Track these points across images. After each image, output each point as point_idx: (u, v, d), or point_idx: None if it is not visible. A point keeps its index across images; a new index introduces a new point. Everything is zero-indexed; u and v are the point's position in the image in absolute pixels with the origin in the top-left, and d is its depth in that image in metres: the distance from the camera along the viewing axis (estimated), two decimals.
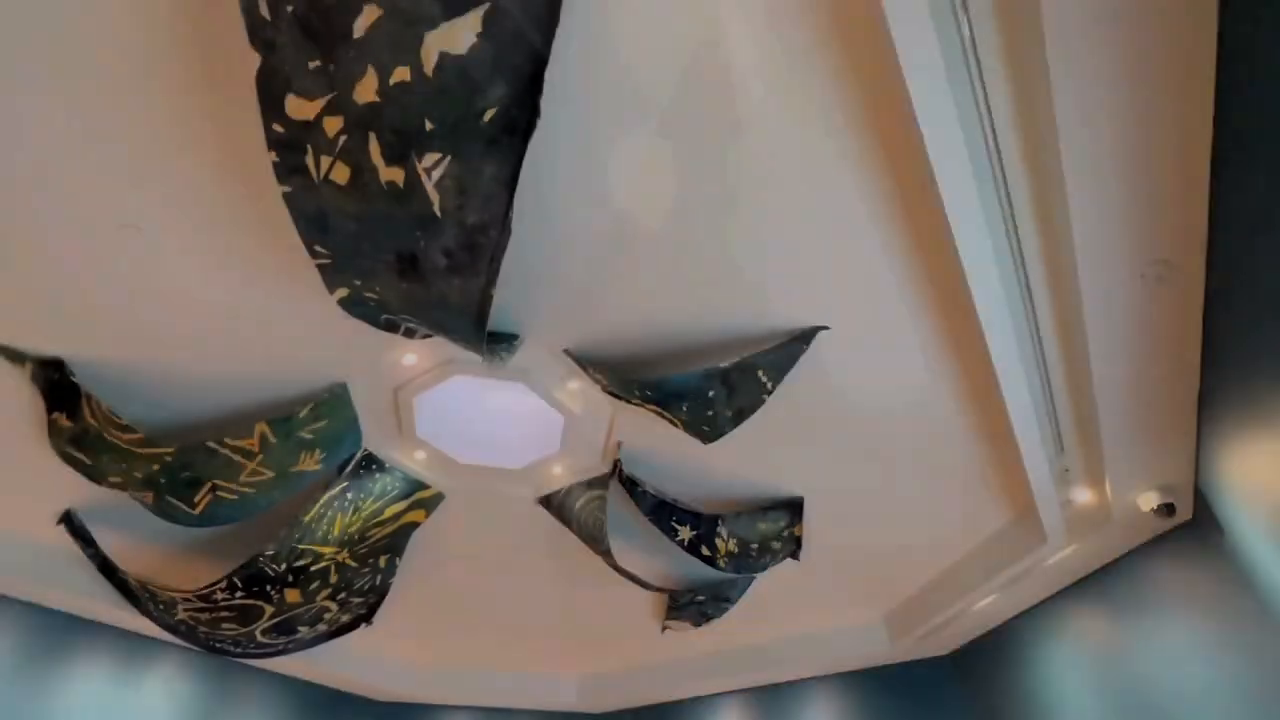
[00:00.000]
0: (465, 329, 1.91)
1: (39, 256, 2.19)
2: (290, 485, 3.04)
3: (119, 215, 2.05)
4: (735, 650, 4.42)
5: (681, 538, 3.39)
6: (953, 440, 2.78)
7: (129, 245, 2.16)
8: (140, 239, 2.13)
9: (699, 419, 2.60)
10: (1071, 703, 3.15)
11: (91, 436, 2.71)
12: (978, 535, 3.22)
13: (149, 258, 2.21)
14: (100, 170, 1.92)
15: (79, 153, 1.87)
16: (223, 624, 3.38)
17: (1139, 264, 1.79)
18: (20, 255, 2.18)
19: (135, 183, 1.95)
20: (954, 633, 3.82)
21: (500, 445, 3.63)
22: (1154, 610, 2.84)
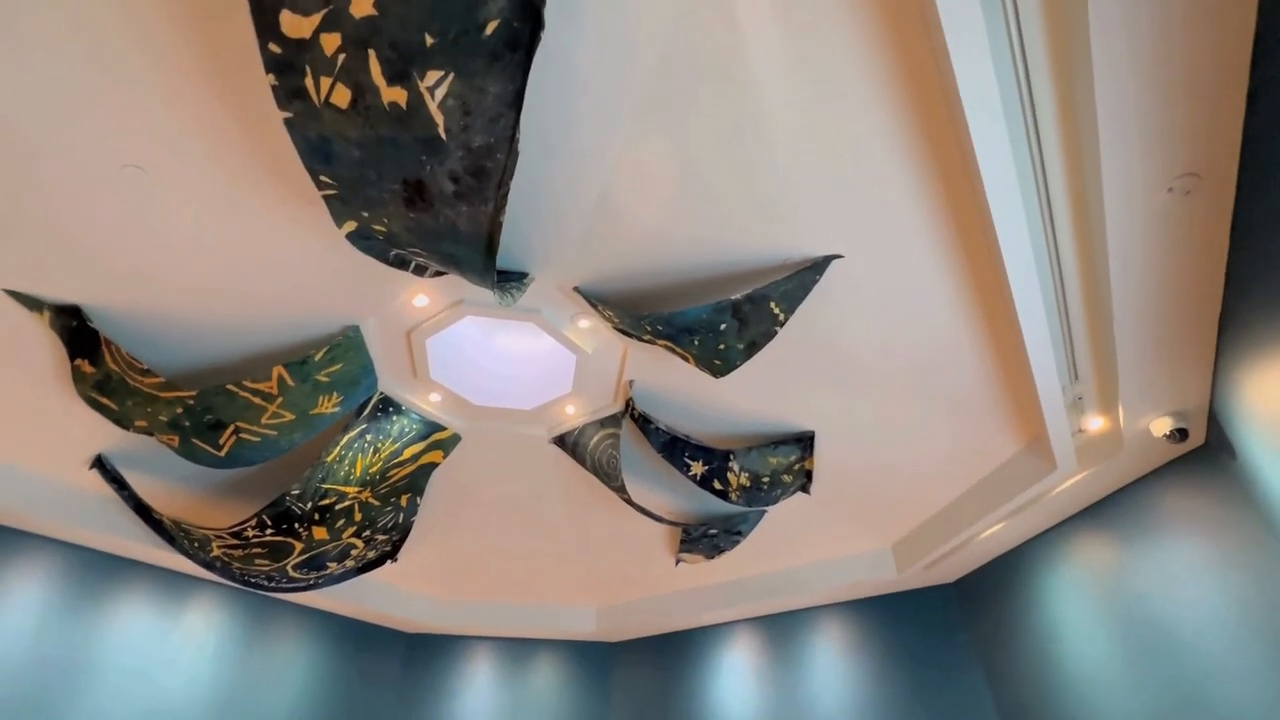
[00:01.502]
0: (475, 261, 1.90)
1: (47, 203, 2.18)
2: (310, 427, 3.11)
3: (123, 157, 2.02)
4: (747, 580, 4.57)
5: (694, 473, 3.45)
6: (965, 370, 2.77)
7: (135, 189, 2.14)
8: (146, 182, 2.11)
9: (710, 353, 2.60)
10: (1075, 627, 3.24)
11: (115, 382, 2.76)
12: (987, 465, 3.26)
13: (156, 202, 2.20)
14: (105, 112, 1.88)
15: (82, 95, 1.83)
16: (256, 560, 3.53)
17: (1167, 177, 1.73)
18: (29, 203, 2.17)
19: (140, 124, 1.92)
20: (960, 561, 3.92)
21: (513, 387, 3.68)
22: (1161, 535, 2.89)
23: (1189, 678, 2.64)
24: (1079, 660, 3.18)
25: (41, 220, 2.24)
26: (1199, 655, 2.63)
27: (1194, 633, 2.66)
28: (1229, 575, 2.58)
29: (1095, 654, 3.09)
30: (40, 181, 2.10)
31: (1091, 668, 3.10)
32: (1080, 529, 3.31)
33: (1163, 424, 2.65)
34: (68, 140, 1.96)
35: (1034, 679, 3.43)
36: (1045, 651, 3.39)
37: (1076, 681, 3.18)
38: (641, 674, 5.10)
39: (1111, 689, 2.98)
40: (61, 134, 1.94)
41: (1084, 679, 3.14)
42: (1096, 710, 3.04)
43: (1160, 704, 2.74)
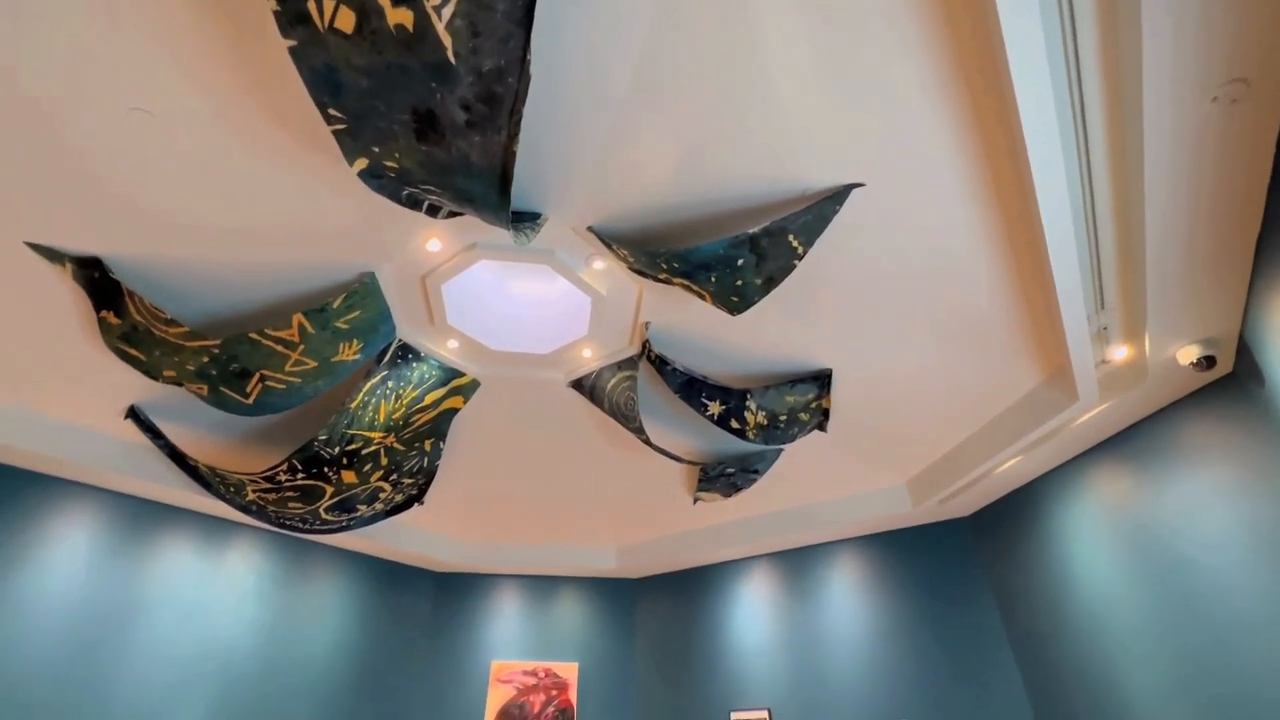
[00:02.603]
0: (489, 197, 1.87)
1: (59, 154, 2.16)
2: (333, 374, 3.16)
3: (129, 101, 1.99)
4: (763, 517, 4.67)
5: (711, 412, 3.48)
6: (988, 303, 2.73)
7: (143, 136, 2.12)
8: (154, 128, 2.08)
9: (727, 289, 2.58)
10: (1089, 557, 3.29)
11: (140, 333, 2.81)
12: (1007, 399, 3.24)
13: (165, 148, 2.17)
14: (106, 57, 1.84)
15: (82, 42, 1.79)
16: (289, 503, 3.66)
17: (1212, 83, 1.63)
18: (42, 155, 2.16)
19: (142, 67, 1.88)
20: (975, 495, 3.96)
21: (530, 331, 3.69)
22: (1181, 465, 2.88)
23: (1203, 602, 2.69)
24: (1091, 588, 3.24)
25: (55, 172, 2.23)
26: (1214, 580, 2.66)
27: (1210, 558, 2.69)
28: (1249, 502, 2.58)
29: (1108, 582, 3.15)
30: (50, 133, 2.08)
31: (1104, 595, 3.16)
32: (1098, 461, 3.32)
33: (1190, 352, 2.61)
34: (73, 88, 1.93)
35: (1046, 606, 3.52)
36: (1058, 580, 3.45)
37: (1088, 608, 3.25)
38: (662, 608, 5.31)
39: (1124, 614, 3.04)
40: (65, 82, 1.91)
41: (1096, 606, 3.20)
42: (1108, 635, 3.12)
43: (1173, 628, 2.80)
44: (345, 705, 4.39)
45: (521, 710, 4.83)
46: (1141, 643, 2.94)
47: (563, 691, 4.94)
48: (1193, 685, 2.68)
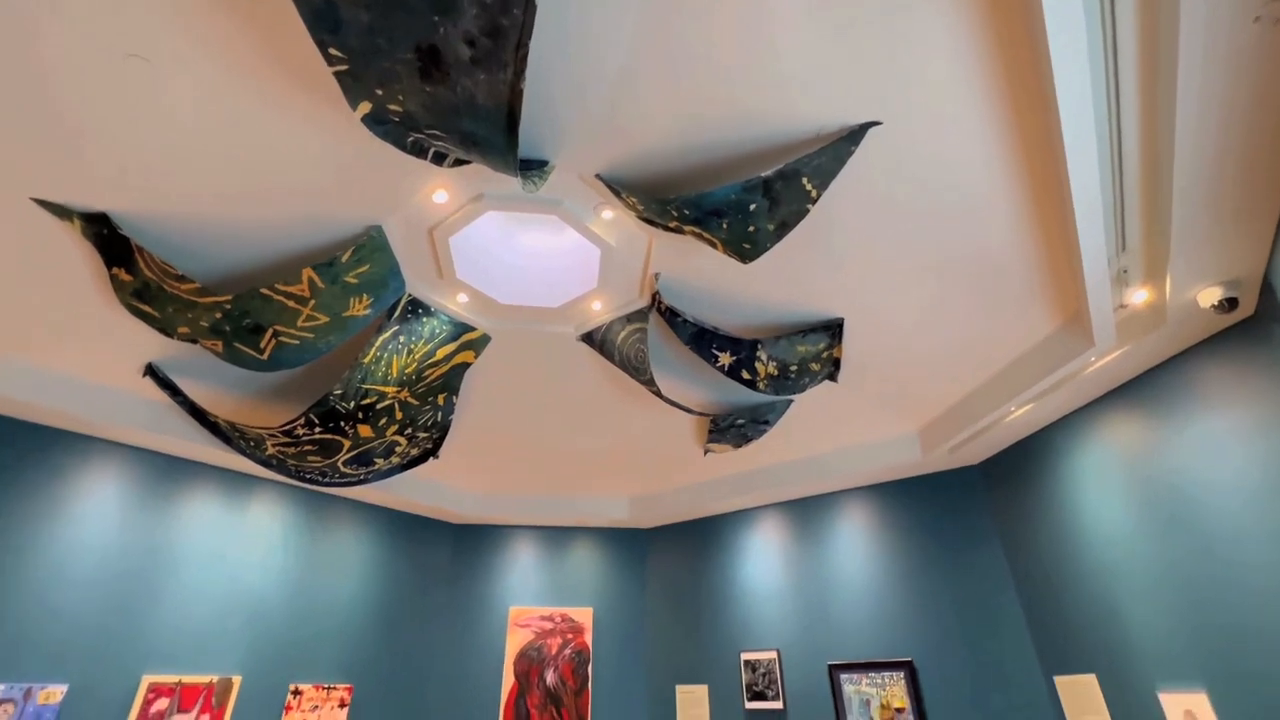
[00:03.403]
0: (496, 140, 1.83)
1: (59, 107, 2.13)
2: (345, 329, 3.18)
3: (125, 46, 1.94)
4: (773, 468, 4.73)
5: (722, 363, 3.48)
6: (1006, 245, 2.67)
7: (141, 86, 2.07)
8: (152, 78, 2.04)
9: (739, 236, 2.54)
10: (1098, 502, 3.31)
11: (153, 289, 2.83)
12: (1022, 345, 3.21)
13: (165, 99, 2.13)
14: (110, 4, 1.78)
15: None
16: (308, 457, 3.74)
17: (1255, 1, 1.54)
18: (43, 109, 2.12)
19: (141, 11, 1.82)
20: (986, 443, 3.97)
21: (539, 285, 3.67)
22: (1197, 410, 2.86)
23: (1209, 542, 2.72)
24: (1098, 531, 3.28)
25: (57, 126, 2.20)
26: (1223, 521, 2.68)
27: (1220, 500, 2.70)
28: (1267, 443, 2.55)
29: (1115, 525, 3.18)
30: (48, 86, 2.04)
31: (1110, 536, 3.20)
32: (1111, 408, 3.30)
33: (1211, 294, 2.55)
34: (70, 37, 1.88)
35: (1052, 550, 3.57)
36: (1065, 524, 3.50)
37: (1094, 550, 3.29)
38: (673, 556, 5.45)
39: (1129, 555, 3.08)
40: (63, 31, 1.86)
41: (1102, 547, 3.25)
42: (1112, 574, 3.17)
43: (1177, 567, 2.84)
44: (371, 648, 4.60)
45: (539, 652, 5.04)
46: (1145, 581, 2.99)
47: (578, 635, 5.14)
48: (1193, 622, 2.74)
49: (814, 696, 4.25)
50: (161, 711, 3.48)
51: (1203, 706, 2.64)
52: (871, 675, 4.07)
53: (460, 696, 4.85)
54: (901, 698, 3.91)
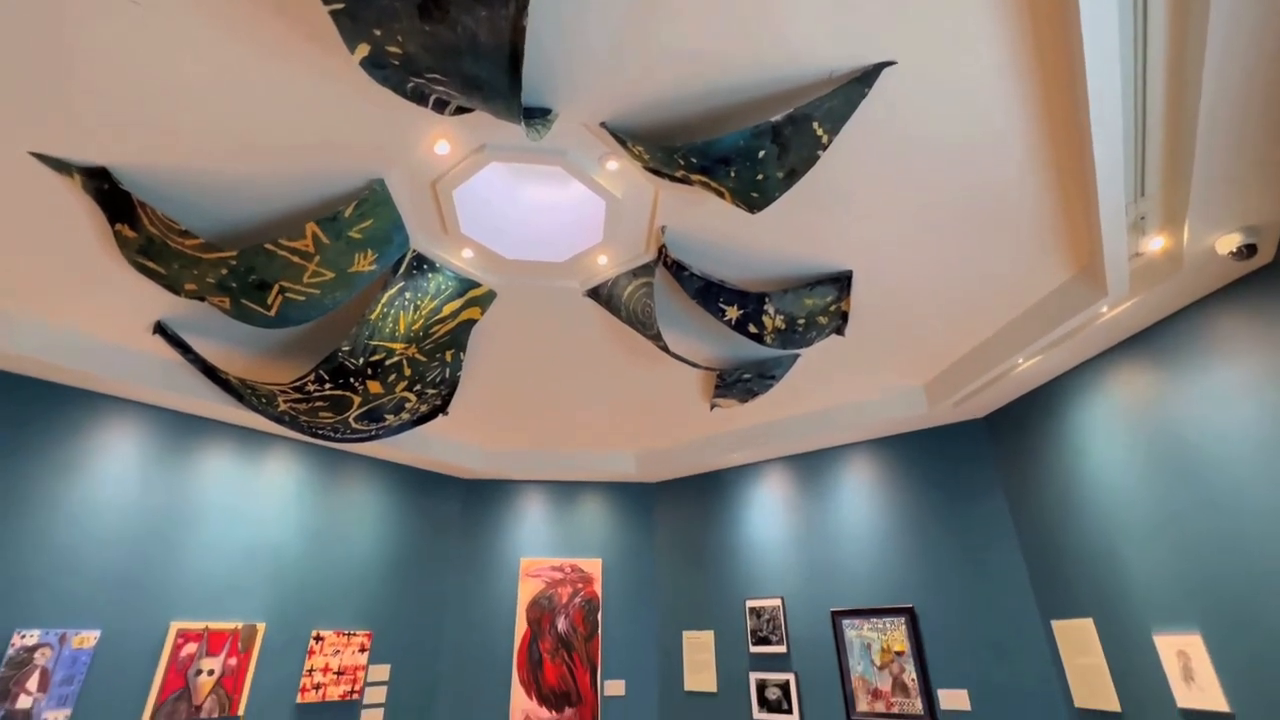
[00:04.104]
0: (498, 82, 1.77)
1: (54, 58, 2.08)
2: (351, 285, 3.17)
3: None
4: (779, 422, 4.77)
5: (729, 317, 3.47)
6: (1021, 191, 2.61)
7: (137, 38, 2.01)
8: (147, 29, 1.98)
9: (747, 185, 2.49)
10: (1104, 454, 3.32)
11: (157, 246, 2.82)
12: (1033, 295, 3.18)
13: (159, 51, 2.07)
14: None
15: None
16: (320, 413, 3.80)
17: None
18: (38, 61, 2.07)
19: None
20: (991, 396, 3.97)
21: (544, 240, 3.64)
22: (1209, 359, 2.84)
23: (1213, 491, 2.74)
24: (1102, 481, 3.31)
25: (54, 78, 2.15)
26: (1228, 470, 2.69)
27: (1227, 449, 2.70)
28: (1276, 393, 2.55)
29: (1119, 475, 3.21)
30: (46, 37, 1.99)
31: (1113, 486, 3.23)
32: (1120, 359, 3.28)
33: (1230, 240, 2.50)
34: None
35: (1055, 500, 3.62)
36: (1069, 475, 3.53)
37: (1096, 500, 3.33)
38: (680, 509, 5.56)
39: (1131, 504, 3.12)
40: None
41: (1104, 497, 3.28)
42: (1113, 523, 3.21)
43: (1179, 515, 2.87)
44: (388, 596, 4.76)
45: (550, 601, 5.21)
46: (1145, 529, 3.03)
47: (588, 584, 5.29)
48: (1191, 568, 2.79)
49: (816, 641, 4.39)
50: (191, 655, 3.64)
51: (1196, 647, 2.72)
52: (873, 621, 4.19)
53: (476, 642, 5.04)
54: (901, 642, 4.04)
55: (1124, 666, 3.11)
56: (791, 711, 4.31)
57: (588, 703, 4.88)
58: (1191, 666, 2.73)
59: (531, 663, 4.97)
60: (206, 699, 3.63)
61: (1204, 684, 2.67)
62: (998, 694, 3.67)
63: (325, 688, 4.16)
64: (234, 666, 3.78)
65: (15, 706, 3.02)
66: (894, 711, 3.93)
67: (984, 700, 3.69)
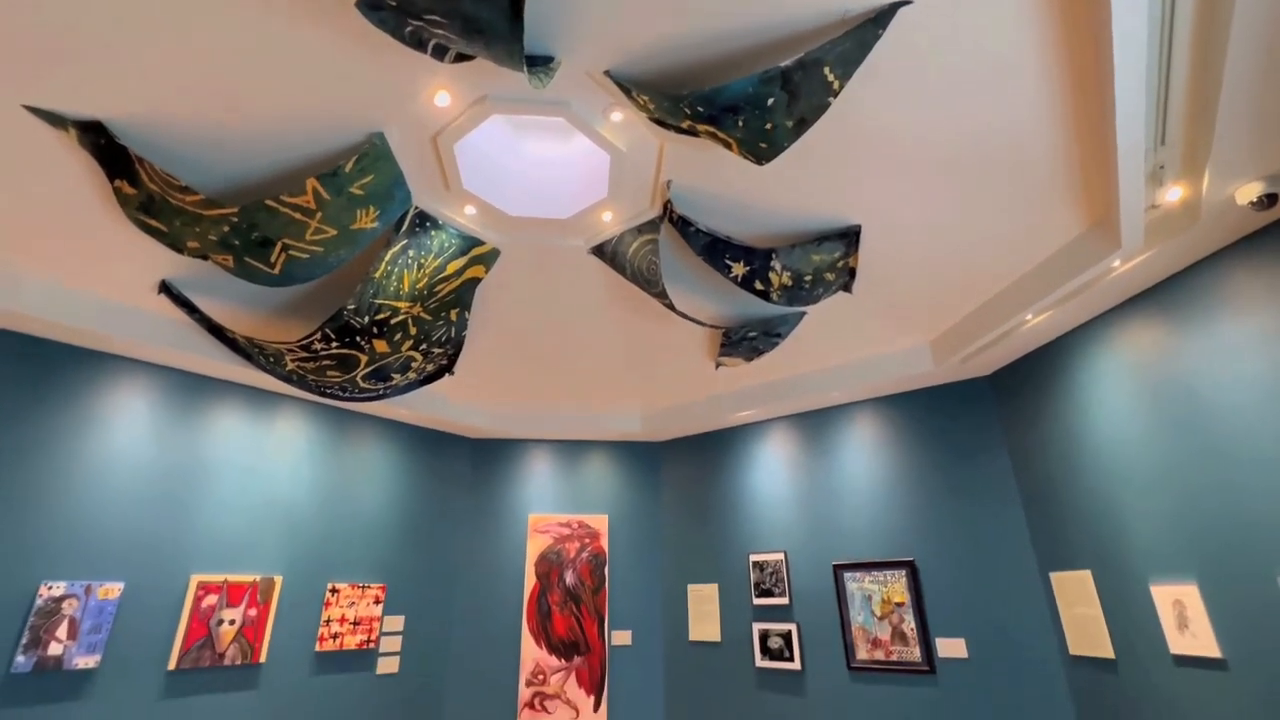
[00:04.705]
0: (499, 25, 1.71)
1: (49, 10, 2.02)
2: (354, 243, 3.15)
3: None
4: (784, 381, 4.78)
5: (735, 274, 3.44)
6: (1037, 142, 2.54)
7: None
8: None
9: (755, 135, 2.43)
10: (1110, 410, 3.31)
11: (158, 202, 2.79)
12: (1044, 250, 3.12)
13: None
14: None
15: None
16: (328, 372, 3.82)
17: None
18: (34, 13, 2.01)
19: None
20: (997, 353, 3.95)
21: (548, 196, 3.58)
22: (1223, 313, 2.80)
23: (1218, 441, 2.74)
24: (1106, 436, 3.32)
25: (47, 30, 2.09)
26: (1234, 421, 2.69)
27: (1234, 400, 2.68)
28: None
29: (1124, 430, 3.21)
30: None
31: (1118, 441, 3.25)
32: (1130, 315, 3.25)
33: (1250, 190, 2.44)
34: None
35: (1058, 457, 3.64)
36: (1073, 432, 3.54)
37: (1100, 455, 3.35)
38: (685, 467, 5.63)
39: (1134, 458, 3.13)
40: None
41: (1108, 452, 3.30)
42: (1116, 477, 3.24)
43: (1182, 467, 2.88)
44: (401, 551, 4.88)
45: (558, 556, 5.33)
46: (1147, 482, 3.05)
47: (595, 540, 5.41)
48: (1190, 519, 2.82)
49: (818, 593, 4.50)
50: (212, 606, 3.77)
51: (1192, 597, 2.77)
52: (874, 574, 4.29)
53: (487, 595, 5.19)
54: (902, 593, 4.14)
55: (1119, 616, 3.18)
56: (793, 660, 4.45)
57: (595, 651, 5.05)
58: (1187, 615, 2.79)
59: (541, 614, 5.12)
60: (229, 647, 3.77)
61: (1198, 631, 2.73)
62: (994, 643, 3.77)
63: (342, 637, 4.32)
64: (254, 617, 3.91)
65: (47, 653, 3.14)
66: (893, 659, 4.06)
67: (981, 648, 3.80)
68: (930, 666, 3.90)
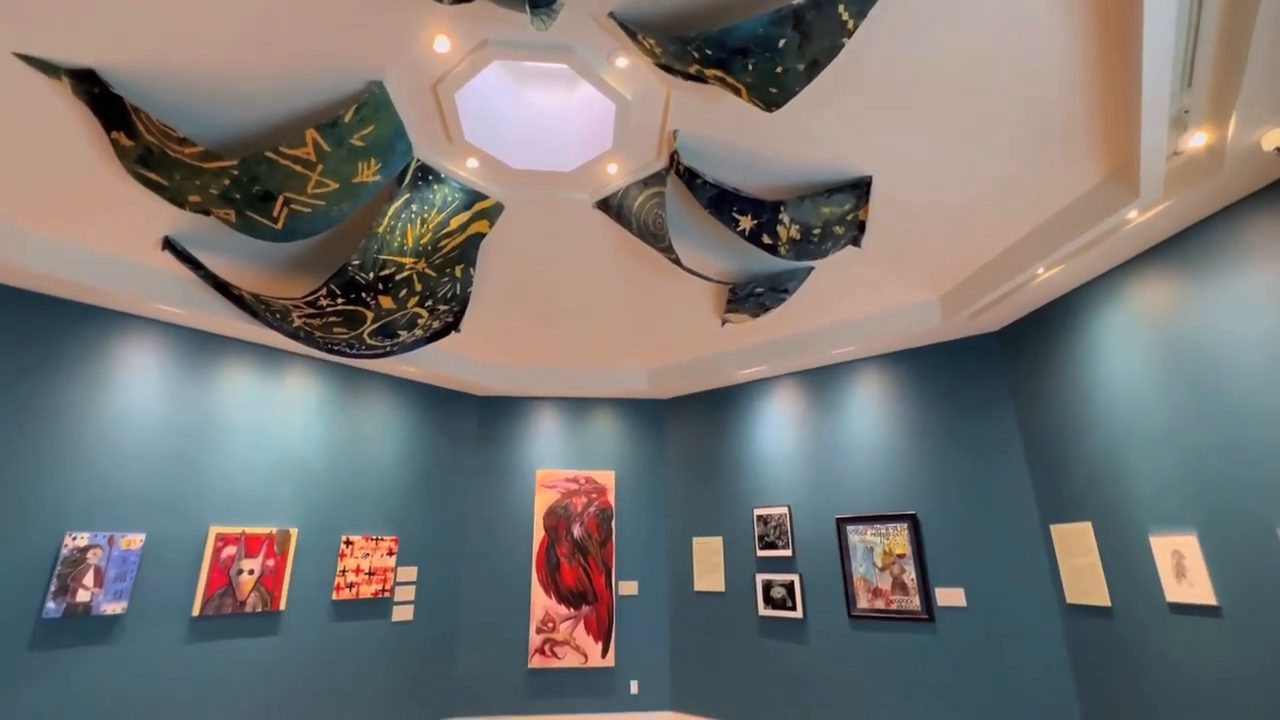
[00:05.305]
0: None
1: None
2: (356, 196, 3.11)
3: None
4: (791, 338, 4.76)
5: (743, 227, 3.38)
6: (1057, 84, 2.45)
7: None
8: None
9: (766, 79, 2.35)
10: (1119, 366, 3.28)
11: (156, 155, 2.74)
12: (1059, 200, 3.05)
13: None
14: None
15: None
16: (334, 329, 3.83)
17: None
18: None
19: None
20: (1006, 309, 3.91)
21: (552, 147, 3.51)
22: (1235, 267, 2.75)
23: (1226, 398, 2.73)
24: (1114, 393, 3.31)
25: None
26: (1243, 377, 2.66)
27: (1243, 356, 2.66)
28: None
29: (1133, 387, 3.20)
30: None
31: (1126, 397, 3.24)
32: (1141, 269, 3.19)
33: (1277, 135, 2.36)
34: None
35: (1065, 413, 3.64)
36: (1081, 388, 3.53)
37: (1107, 411, 3.34)
38: (691, 424, 5.67)
39: (1141, 414, 3.13)
40: None
41: (1115, 408, 3.29)
42: (1122, 433, 3.24)
43: (1190, 423, 2.88)
44: (412, 505, 4.99)
45: (566, 510, 5.44)
46: (1152, 436, 3.06)
47: (602, 494, 5.51)
48: (1193, 472, 2.83)
49: (821, 545, 4.59)
50: (231, 556, 3.88)
51: (1191, 547, 2.81)
52: (876, 526, 4.36)
53: (497, 546, 5.33)
54: (903, 545, 4.22)
55: (1117, 566, 3.23)
56: (795, 608, 4.57)
57: (603, 600, 5.21)
58: (1185, 564, 2.84)
59: (550, 565, 5.26)
60: (250, 595, 3.91)
61: (1195, 580, 2.78)
62: (993, 592, 3.86)
63: (358, 586, 4.46)
64: (272, 567, 4.04)
65: (76, 600, 3.26)
66: (893, 608, 4.16)
67: (979, 598, 3.89)
68: (929, 615, 4.01)
